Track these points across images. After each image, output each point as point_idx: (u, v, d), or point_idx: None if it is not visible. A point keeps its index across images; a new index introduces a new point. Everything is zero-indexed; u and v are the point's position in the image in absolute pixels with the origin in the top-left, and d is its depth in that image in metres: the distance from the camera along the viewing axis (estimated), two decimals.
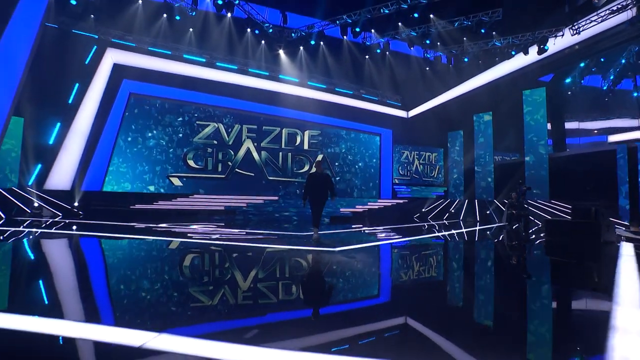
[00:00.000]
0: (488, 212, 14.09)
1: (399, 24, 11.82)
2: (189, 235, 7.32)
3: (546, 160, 13.96)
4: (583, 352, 2.07)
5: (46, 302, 2.80)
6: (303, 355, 1.81)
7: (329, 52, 14.57)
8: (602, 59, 15.56)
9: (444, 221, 13.95)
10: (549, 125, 15.64)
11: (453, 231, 9.84)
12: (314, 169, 6.24)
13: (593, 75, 20.39)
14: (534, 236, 8.60)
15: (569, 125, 19.39)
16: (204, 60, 14.52)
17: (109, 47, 13.59)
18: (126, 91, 14.41)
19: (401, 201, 17.23)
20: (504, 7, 12.32)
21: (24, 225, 8.24)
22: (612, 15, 11.41)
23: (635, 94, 16.83)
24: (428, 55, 15.18)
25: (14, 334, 2.02)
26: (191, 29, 13.18)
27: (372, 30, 11.68)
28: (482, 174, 16.01)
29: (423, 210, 16.27)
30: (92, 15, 12.09)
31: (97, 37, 13.09)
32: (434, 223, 12.70)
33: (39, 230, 7.24)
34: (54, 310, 2.56)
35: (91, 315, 2.51)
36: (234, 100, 15.54)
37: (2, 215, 9.76)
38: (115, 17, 12.40)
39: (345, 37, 12.91)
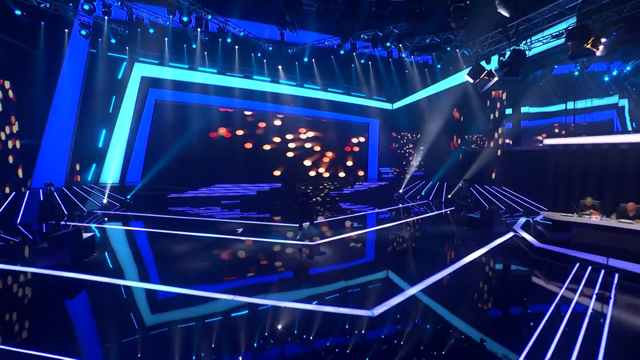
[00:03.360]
0: (450, 195, 17.46)
1: (375, 49, 14.24)
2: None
3: (501, 152, 17.05)
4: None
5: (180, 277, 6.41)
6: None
7: (321, 62, 17.19)
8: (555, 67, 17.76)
9: (416, 202, 17.46)
10: (510, 110, 18.42)
11: (414, 217, 13.35)
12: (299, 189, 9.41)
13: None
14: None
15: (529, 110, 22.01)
16: (215, 70, 17.22)
17: (136, 63, 16.30)
18: (152, 98, 17.34)
19: (383, 183, 20.63)
20: (467, 29, 14.54)
21: (103, 216, 11.87)
22: (552, 40, 13.73)
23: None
24: (408, 59, 17.56)
25: (169, 295, 5.61)
26: (206, 52, 15.78)
27: (354, 54, 14.14)
28: (452, 159, 19.16)
29: (400, 191, 19.73)
30: (127, 47, 14.74)
31: (127, 57, 15.76)
32: (406, 204, 16.19)
33: (131, 228, 10.87)
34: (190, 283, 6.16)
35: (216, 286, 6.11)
36: (242, 101, 18.45)
37: (84, 209, 13.41)
38: (144, 45, 15.09)
39: (332, 56, 15.44)
